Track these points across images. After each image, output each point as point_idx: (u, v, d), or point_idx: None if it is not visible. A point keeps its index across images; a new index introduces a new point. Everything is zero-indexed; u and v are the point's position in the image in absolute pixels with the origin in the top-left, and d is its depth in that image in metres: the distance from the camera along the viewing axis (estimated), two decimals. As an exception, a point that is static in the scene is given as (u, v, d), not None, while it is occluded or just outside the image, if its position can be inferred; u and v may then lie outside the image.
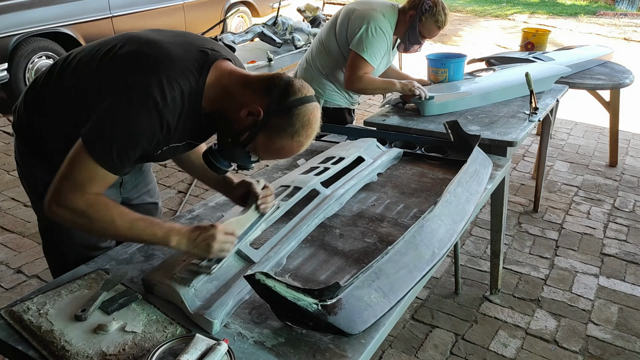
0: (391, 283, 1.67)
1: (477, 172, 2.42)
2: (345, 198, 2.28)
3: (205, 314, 1.54)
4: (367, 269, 1.63)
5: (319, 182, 2.26)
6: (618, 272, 3.57)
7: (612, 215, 4.29)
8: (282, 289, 1.46)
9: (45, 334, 1.49)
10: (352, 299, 1.54)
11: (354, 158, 2.52)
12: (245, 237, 1.84)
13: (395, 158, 2.70)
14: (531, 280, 3.47)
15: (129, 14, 6.71)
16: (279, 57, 5.01)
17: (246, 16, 8.64)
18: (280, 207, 2.05)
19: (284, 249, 1.89)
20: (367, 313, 1.55)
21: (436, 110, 3.28)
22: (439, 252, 1.89)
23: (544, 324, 3.10)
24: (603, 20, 13.14)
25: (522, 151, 5.48)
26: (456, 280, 3.35)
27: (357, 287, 1.58)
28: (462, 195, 2.20)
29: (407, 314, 3.13)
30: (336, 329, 1.48)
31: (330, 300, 1.49)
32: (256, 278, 1.46)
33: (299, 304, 1.46)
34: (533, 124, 3.16)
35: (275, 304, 1.51)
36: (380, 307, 1.59)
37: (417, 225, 1.89)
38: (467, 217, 2.13)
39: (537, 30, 5.13)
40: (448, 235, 1.98)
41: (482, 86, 3.57)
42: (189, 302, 1.57)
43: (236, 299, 1.63)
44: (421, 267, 1.79)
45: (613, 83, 4.43)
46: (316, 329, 1.51)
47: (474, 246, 3.82)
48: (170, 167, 4.88)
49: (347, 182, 2.34)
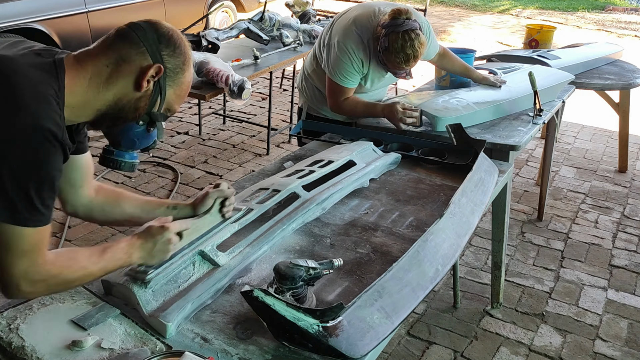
0: (394, 302, 1.67)
1: (483, 180, 2.44)
2: (329, 203, 2.28)
3: (160, 317, 1.56)
4: (370, 288, 1.64)
5: (300, 185, 2.26)
6: (628, 284, 3.60)
7: (622, 224, 4.33)
8: (281, 308, 1.47)
9: (15, 350, 1.49)
10: (354, 320, 1.54)
11: (344, 162, 2.52)
12: (208, 238, 1.85)
13: (392, 163, 2.71)
14: (535, 294, 3.49)
15: (106, 9, 6.70)
16: (266, 55, 5.02)
17: (231, 11, 8.65)
18: (253, 210, 2.05)
19: (254, 254, 1.90)
20: (370, 335, 1.55)
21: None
22: (443, 269, 1.89)
23: (548, 340, 3.12)
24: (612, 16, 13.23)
25: (526, 156, 5.52)
26: (455, 294, 3.37)
27: (360, 306, 1.58)
28: (466, 206, 2.22)
29: (403, 329, 3.15)
30: (337, 352, 1.48)
31: (332, 321, 1.50)
32: (254, 295, 1.47)
33: (298, 324, 1.47)
34: (537, 127, 3.18)
35: (273, 322, 1.51)
36: (383, 328, 1.59)
37: (421, 240, 1.89)
38: (471, 230, 2.14)
39: (541, 26, 5.17)
40: (452, 250, 1.99)
41: (494, 97, 3.38)
42: (144, 303, 1.60)
43: (196, 303, 1.65)
44: (424, 286, 1.79)
45: (623, 83, 4.46)
46: (315, 351, 1.51)
47: (474, 257, 3.84)
48: (150, 172, 4.89)
49: (332, 186, 2.34)
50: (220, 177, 4.84)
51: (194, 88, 4.17)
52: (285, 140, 5.70)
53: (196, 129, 5.84)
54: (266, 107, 6.09)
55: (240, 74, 4.31)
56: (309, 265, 1.67)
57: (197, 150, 5.36)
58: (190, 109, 6.39)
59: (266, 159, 5.23)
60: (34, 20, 6.03)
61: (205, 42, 4.75)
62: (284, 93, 7.08)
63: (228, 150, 5.40)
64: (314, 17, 6.21)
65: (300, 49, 5.31)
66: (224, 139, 5.66)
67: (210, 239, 1.84)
